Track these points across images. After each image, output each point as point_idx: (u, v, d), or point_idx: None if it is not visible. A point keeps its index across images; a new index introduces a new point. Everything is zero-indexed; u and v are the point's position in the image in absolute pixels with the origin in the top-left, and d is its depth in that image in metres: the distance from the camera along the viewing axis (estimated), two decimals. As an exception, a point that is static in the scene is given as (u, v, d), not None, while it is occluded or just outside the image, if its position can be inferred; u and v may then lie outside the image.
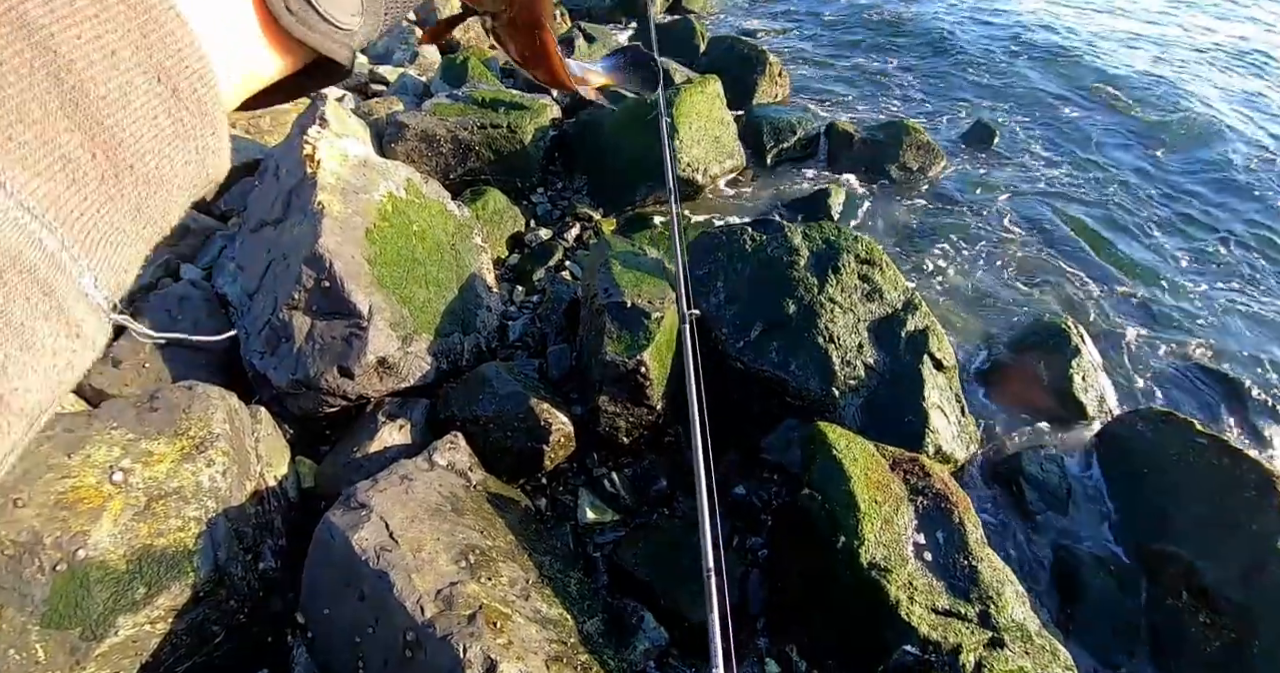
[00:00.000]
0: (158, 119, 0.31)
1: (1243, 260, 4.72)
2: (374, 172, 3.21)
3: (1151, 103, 6.73)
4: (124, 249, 0.31)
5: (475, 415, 2.69)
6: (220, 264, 3.37)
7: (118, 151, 0.29)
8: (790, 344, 2.99)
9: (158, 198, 0.32)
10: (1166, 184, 5.52)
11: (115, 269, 0.31)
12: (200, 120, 0.33)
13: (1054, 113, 6.50)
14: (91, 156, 0.29)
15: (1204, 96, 6.94)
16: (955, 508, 2.40)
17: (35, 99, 0.27)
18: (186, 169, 0.33)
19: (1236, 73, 7.75)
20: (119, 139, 0.29)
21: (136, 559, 1.96)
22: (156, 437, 2.20)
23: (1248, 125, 6.47)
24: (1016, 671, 2.09)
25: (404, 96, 5.32)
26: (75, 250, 0.28)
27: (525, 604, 1.98)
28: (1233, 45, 8.53)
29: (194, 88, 0.32)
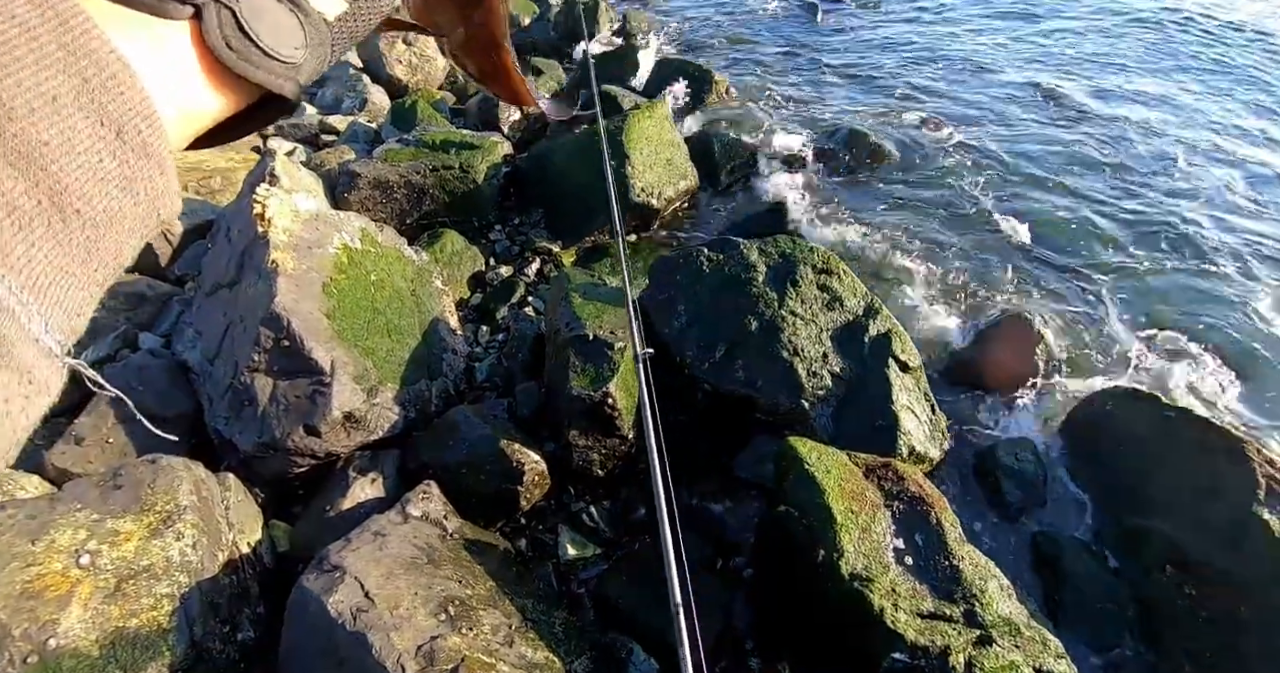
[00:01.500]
0: (103, 162, 0.31)
1: (1198, 245, 4.82)
2: (327, 224, 3.21)
3: (1097, 99, 6.89)
4: (75, 292, 0.31)
5: (447, 462, 2.67)
6: (179, 330, 3.34)
7: (63, 196, 0.29)
8: (755, 361, 3.01)
9: (108, 240, 0.32)
10: (1118, 177, 5.64)
11: (67, 313, 0.31)
12: (147, 161, 0.33)
13: (1002, 111, 6.62)
14: (37, 203, 0.28)
15: (1148, 93, 7.11)
16: (932, 509, 2.41)
17: None
18: (136, 210, 0.33)
19: (1178, 73, 7.95)
20: (64, 184, 0.29)
21: (110, 643, 1.92)
22: (122, 514, 2.17)
23: (1190, 122, 6.64)
24: (1008, 666, 2.09)
25: (355, 144, 5.33)
26: (24, 295, 0.28)
27: (510, 651, 1.96)
28: (1173, 46, 8.76)
29: (138, 129, 0.32)
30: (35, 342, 0.29)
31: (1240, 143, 6.13)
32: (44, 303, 0.29)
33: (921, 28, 8.85)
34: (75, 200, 0.30)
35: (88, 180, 0.30)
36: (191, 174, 4.64)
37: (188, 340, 3.20)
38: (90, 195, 0.31)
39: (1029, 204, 5.15)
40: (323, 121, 5.82)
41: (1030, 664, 2.12)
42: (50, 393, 0.31)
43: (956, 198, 5.19)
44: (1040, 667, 2.12)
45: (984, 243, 4.70)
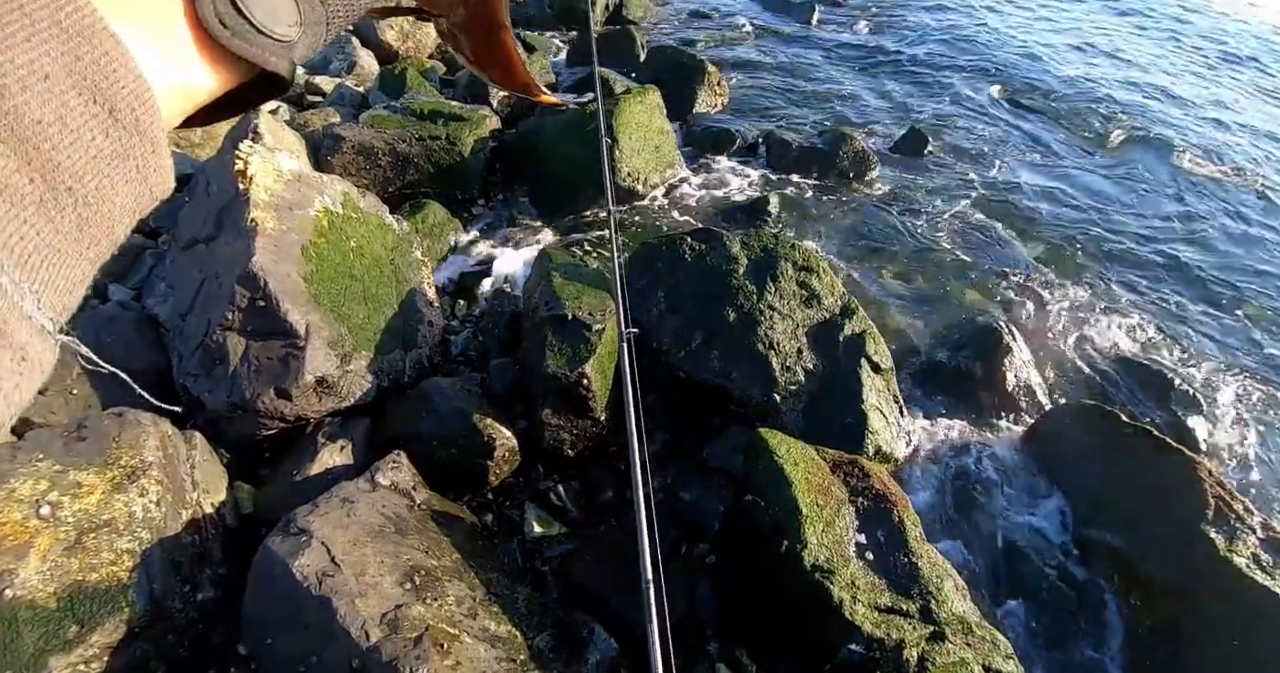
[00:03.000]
0: (95, 140, 0.31)
1: (1165, 259, 4.94)
2: (309, 186, 3.16)
3: (1080, 112, 7.01)
4: (67, 270, 0.31)
5: (418, 433, 2.66)
6: (150, 283, 3.27)
7: (55, 174, 0.29)
8: (731, 352, 3.04)
9: (100, 218, 0.32)
10: (1093, 189, 5.76)
11: (59, 291, 0.31)
12: (139, 139, 0.33)
13: (985, 121, 6.71)
14: (29, 181, 0.28)
15: (1129, 103, 7.25)
16: (895, 507, 2.46)
17: None
18: (128, 188, 0.33)
19: (1159, 81, 8.10)
20: (56, 162, 0.29)
21: (68, 596, 1.90)
22: (85, 467, 2.13)
23: (1170, 131, 6.78)
24: (958, 662, 2.15)
25: (341, 108, 5.24)
26: (16, 274, 0.28)
27: (473, 623, 1.97)
28: (1154, 56, 8.91)
29: (131, 107, 0.32)
30: (28, 319, 0.29)
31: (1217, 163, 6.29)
32: (36, 281, 0.29)
33: (916, 29, 8.91)
34: (68, 178, 0.30)
35: (80, 158, 0.30)
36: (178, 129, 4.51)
37: (159, 294, 3.14)
38: (83, 173, 0.31)
39: (1011, 213, 5.24)
40: (309, 82, 5.71)
41: (980, 662, 2.18)
42: (43, 371, 0.31)
43: (939, 204, 5.26)
44: (989, 665, 2.19)
45: (965, 251, 4.77)
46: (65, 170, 0.30)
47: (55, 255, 0.30)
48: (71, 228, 0.31)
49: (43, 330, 0.30)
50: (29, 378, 0.30)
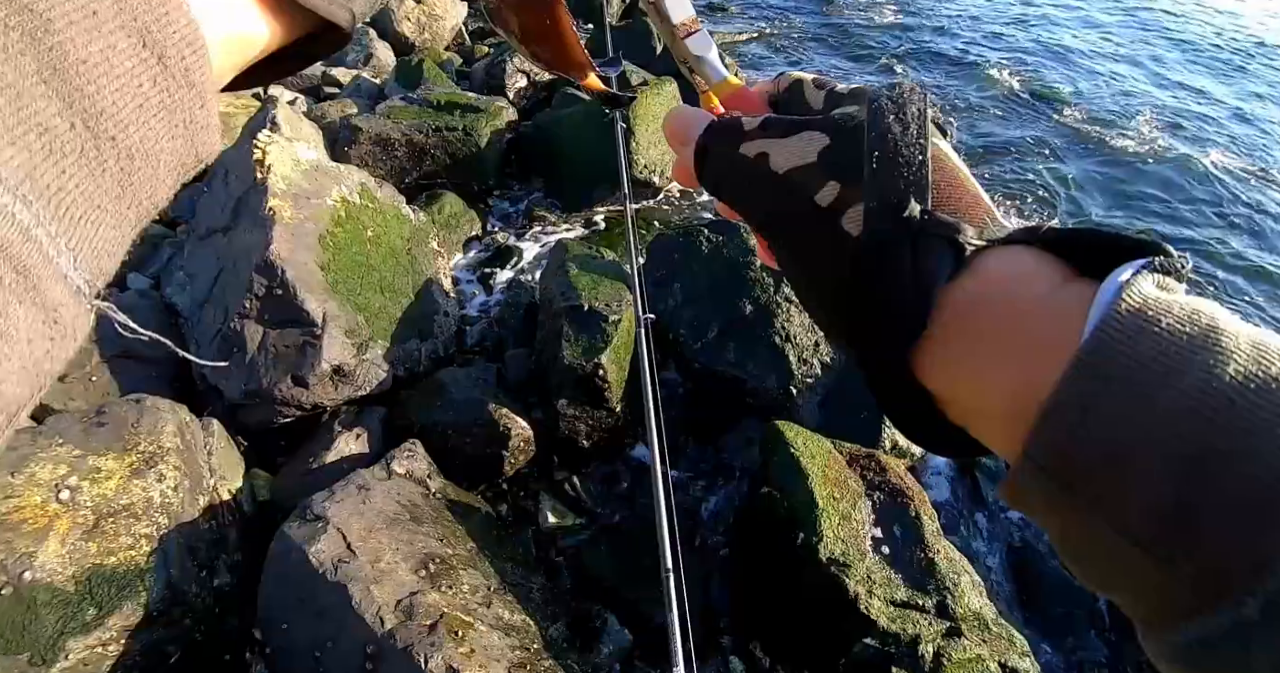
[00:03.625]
0: (142, 87, 0.28)
1: (1196, 247, 4.88)
2: (326, 176, 3.17)
3: (1104, 102, 6.93)
4: (106, 230, 0.28)
5: (433, 422, 2.67)
6: (168, 272, 3.29)
7: (98, 121, 0.27)
8: (747, 344, 3.02)
9: (142, 174, 0.29)
10: (1118, 179, 5.69)
11: (96, 251, 0.28)
12: (188, 91, 0.30)
13: (1007, 110, 6.64)
14: (70, 126, 0.26)
15: (1156, 97, 7.16)
16: (912, 502, 2.44)
17: (9, 60, 0.25)
18: (173, 145, 0.30)
19: (1187, 77, 7.99)
20: (100, 107, 0.27)
21: (86, 580, 1.91)
22: (104, 452, 2.14)
23: (1198, 124, 6.69)
24: (974, 659, 2.14)
25: (358, 99, 5.25)
26: (52, 227, 0.26)
27: (487, 612, 1.97)
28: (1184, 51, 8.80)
29: (181, 54, 0.30)
30: (63, 279, 0.27)
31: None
32: (73, 237, 0.27)
33: (938, 17, 8.83)
34: (111, 127, 0.27)
35: (126, 106, 0.28)
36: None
37: (177, 283, 3.16)
38: (127, 122, 0.28)
39: (1033, 203, 5.19)
40: (326, 73, 5.73)
41: (996, 659, 2.16)
42: (76, 338, 0.28)
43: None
44: (1005, 663, 2.17)
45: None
46: (109, 118, 0.27)
47: (95, 211, 0.28)
48: (113, 183, 0.28)
49: (78, 293, 0.27)
50: (61, 344, 0.27)
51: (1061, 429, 0.29)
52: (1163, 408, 0.27)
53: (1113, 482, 0.28)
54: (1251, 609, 0.25)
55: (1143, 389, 0.28)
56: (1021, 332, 0.33)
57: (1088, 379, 0.29)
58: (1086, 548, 0.31)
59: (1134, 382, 0.28)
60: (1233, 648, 0.26)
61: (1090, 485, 0.29)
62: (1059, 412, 0.29)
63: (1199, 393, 0.27)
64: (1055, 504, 0.31)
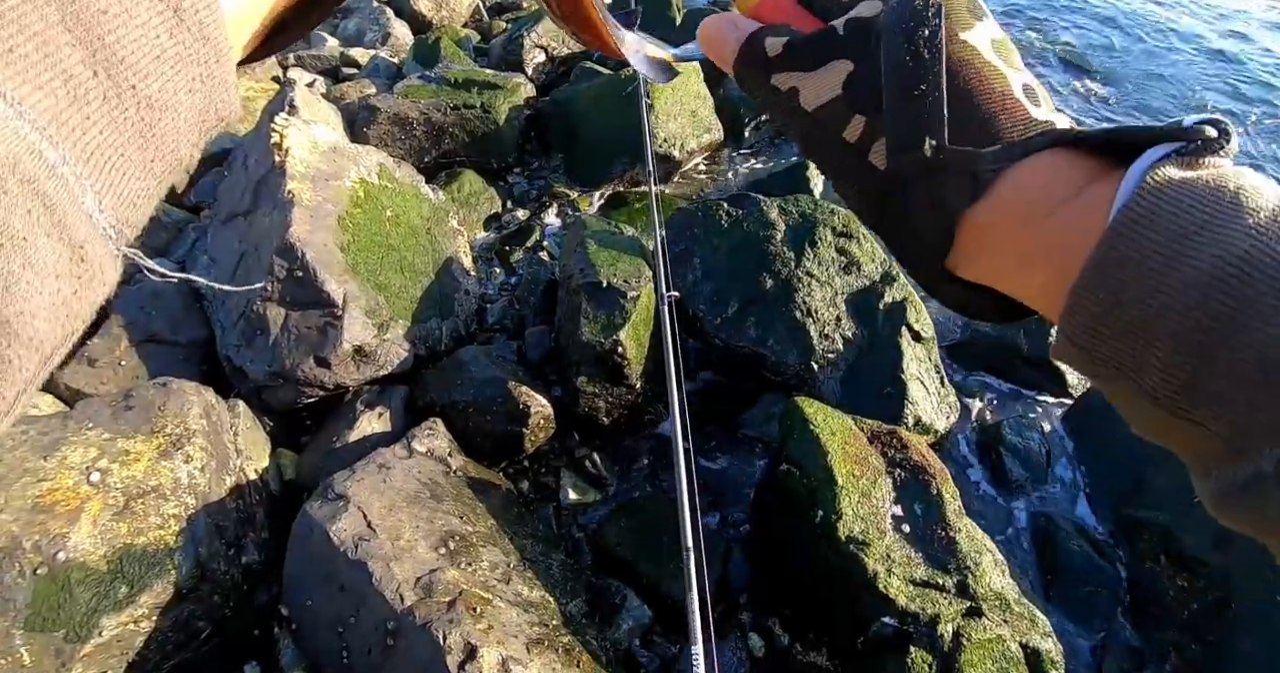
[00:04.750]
0: (159, 38, 0.29)
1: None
2: (345, 158, 3.17)
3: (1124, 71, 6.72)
4: (130, 178, 0.30)
5: (454, 400, 2.69)
6: (193, 257, 3.33)
7: (119, 70, 0.28)
8: (768, 319, 3.00)
9: (163, 125, 0.30)
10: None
11: (121, 198, 0.29)
12: (203, 44, 0.31)
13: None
14: (93, 74, 0.27)
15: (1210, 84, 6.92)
16: (933, 479, 2.42)
17: (35, 9, 0.25)
18: (191, 98, 0.32)
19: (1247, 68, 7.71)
20: (120, 56, 0.28)
21: (117, 559, 1.96)
22: (133, 435, 2.19)
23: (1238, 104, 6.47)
24: (995, 639, 2.12)
25: (376, 79, 5.24)
26: (78, 168, 0.27)
27: (506, 588, 2.00)
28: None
29: (195, 7, 0.31)
30: (89, 218, 0.28)
31: None
32: (98, 181, 0.28)
33: None
34: (131, 76, 0.28)
35: (145, 56, 0.29)
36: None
37: (202, 268, 3.19)
38: (146, 73, 0.29)
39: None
40: (344, 54, 5.72)
41: (1017, 640, 2.14)
42: (105, 282, 0.29)
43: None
44: (1027, 643, 2.15)
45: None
46: (129, 67, 0.28)
47: (119, 159, 0.29)
48: (134, 133, 0.29)
49: (104, 235, 0.29)
50: (89, 286, 0.28)
51: (1086, 316, 0.34)
52: (1174, 286, 0.31)
53: (1135, 355, 0.33)
54: (1268, 464, 0.29)
55: (1156, 270, 0.32)
56: (1042, 239, 0.37)
57: (1106, 270, 0.33)
58: (1126, 408, 0.36)
59: (1147, 267, 0.32)
60: (1253, 495, 0.30)
61: (1117, 358, 0.34)
62: (1083, 302, 0.34)
63: (1210, 269, 0.30)
64: (1093, 372, 0.36)
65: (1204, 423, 0.32)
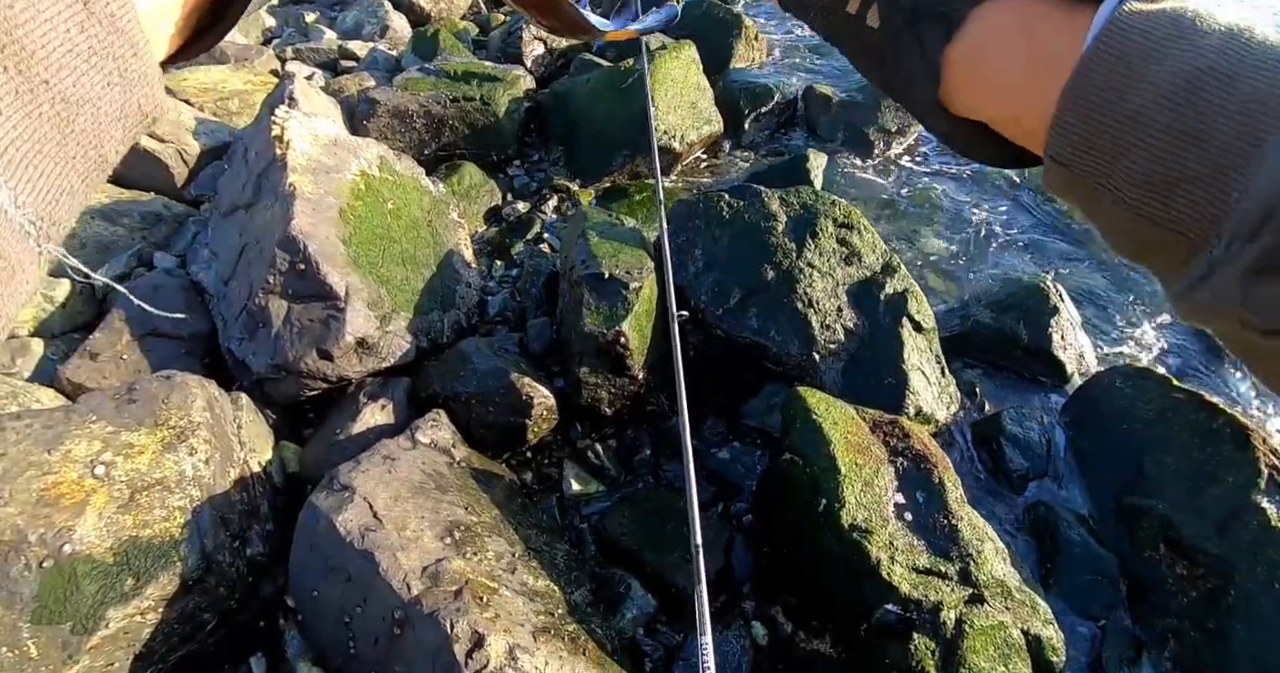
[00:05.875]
0: (70, 32, 0.29)
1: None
2: (345, 150, 3.17)
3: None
4: (49, 174, 0.29)
5: (457, 392, 2.69)
6: (194, 251, 3.33)
7: (30, 64, 0.28)
8: (769, 310, 3.00)
9: (81, 121, 0.30)
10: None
11: (40, 194, 0.29)
12: (117, 37, 0.31)
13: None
14: (3, 69, 0.27)
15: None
16: (935, 468, 2.43)
17: None
18: (110, 93, 0.31)
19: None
20: (30, 50, 0.28)
21: (123, 551, 1.97)
22: (136, 428, 2.19)
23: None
24: (997, 626, 2.13)
25: (375, 72, 5.23)
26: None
27: (512, 578, 2.00)
28: None
29: (105, 0, 0.31)
30: (2, 214, 0.27)
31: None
32: (13, 176, 0.28)
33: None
34: (43, 70, 0.28)
35: (56, 50, 0.29)
36: (208, 95, 4.57)
37: (203, 261, 3.19)
38: (59, 67, 0.29)
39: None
40: (342, 47, 5.71)
41: (1019, 626, 2.15)
42: (26, 279, 0.29)
43: (987, 169, 5.08)
44: (1028, 630, 2.16)
45: (1012, 210, 4.63)
46: (40, 61, 0.28)
47: (35, 154, 0.28)
48: (51, 129, 0.29)
49: (22, 232, 0.28)
50: (7, 284, 0.28)
51: (1068, 130, 0.38)
52: (1137, 104, 0.35)
53: (1110, 165, 0.37)
54: (1219, 251, 0.32)
55: (1122, 87, 0.35)
56: (1019, 68, 0.42)
57: (1085, 88, 0.37)
58: (1106, 222, 0.40)
59: (1121, 83, 0.36)
60: (1207, 284, 0.34)
61: (1095, 170, 0.37)
62: (1066, 117, 0.38)
63: (1174, 79, 0.34)
64: (1077, 188, 0.39)
65: (1166, 224, 0.36)
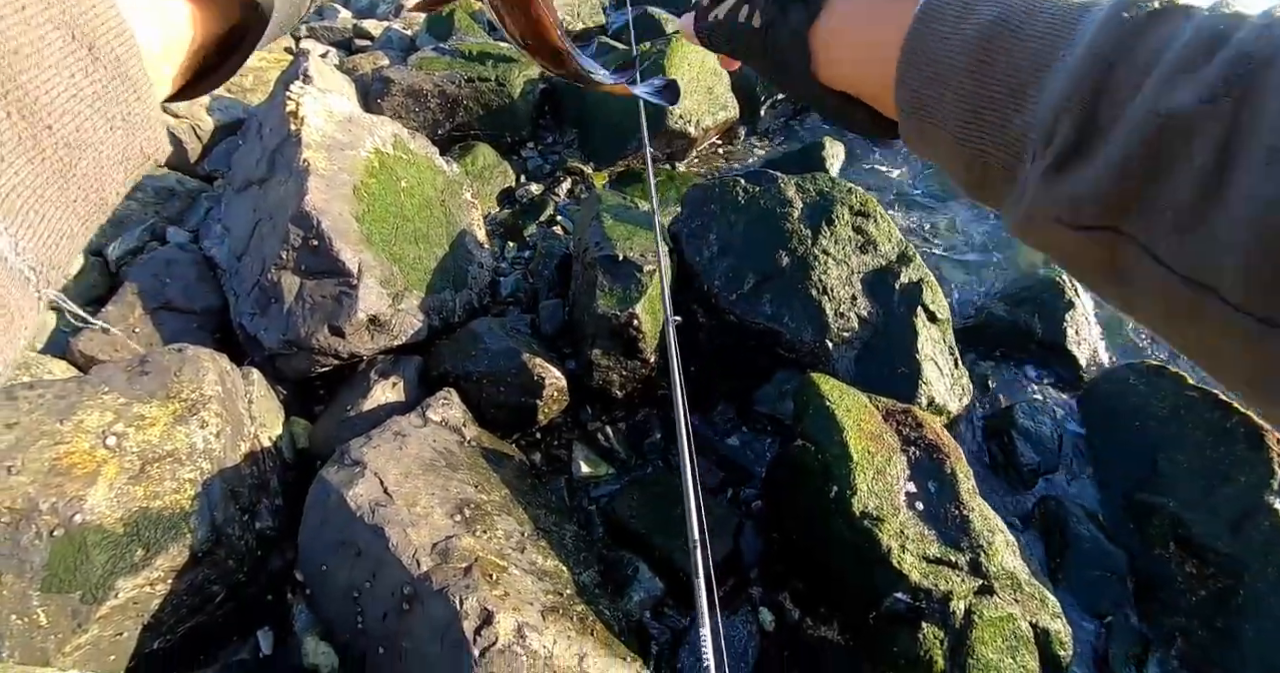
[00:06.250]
0: (75, 78, 0.29)
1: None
2: (360, 127, 3.15)
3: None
4: (50, 219, 0.29)
5: (468, 371, 2.68)
6: (207, 226, 3.32)
7: (34, 110, 0.28)
8: (783, 296, 2.98)
9: (84, 165, 0.30)
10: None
11: (40, 239, 0.29)
12: (121, 82, 0.31)
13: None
14: (6, 115, 0.27)
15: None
16: (947, 458, 2.41)
17: None
18: (113, 137, 0.31)
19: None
20: (34, 97, 0.28)
21: (133, 522, 1.97)
22: (148, 400, 2.19)
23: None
24: (1006, 617, 2.12)
25: (389, 51, 5.20)
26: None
27: (521, 557, 2.00)
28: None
29: (110, 45, 0.31)
30: (2, 261, 0.27)
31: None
32: (14, 223, 0.27)
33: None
34: (47, 116, 0.28)
35: (60, 96, 0.29)
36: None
37: (215, 236, 3.19)
38: (62, 112, 0.29)
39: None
40: (357, 26, 5.68)
41: (1027, 619, 2.14)
42: (24, 323, 0.29)
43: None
44: (1037, 623, 2.15)
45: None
46: (44, 107, 0.28)
47: (37, 200, 0.28)
48: (54, 173, 0.29)
49: (22, 278, 0.28)
50: (6, 330, 0.28)
51: (905, 86, 0.44)
52: (951, 49, 0.41)
53: (937, 105, 0.43)
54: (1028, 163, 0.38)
55: (941, 38, 0.42)
56: (866, 36, 0.50)
57: (917, 43, 0.44)
58: (945, 160, 0.45)
59: (935, 38, 0.43)
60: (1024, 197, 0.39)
61: (928, 112, 0.43)
62: (904, 74, 0.44)
63: (974, 31, 0.41)
64: (922, 134, 0.45)
65: (981, 144, 0.41)
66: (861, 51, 0.50)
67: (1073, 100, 0.35)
